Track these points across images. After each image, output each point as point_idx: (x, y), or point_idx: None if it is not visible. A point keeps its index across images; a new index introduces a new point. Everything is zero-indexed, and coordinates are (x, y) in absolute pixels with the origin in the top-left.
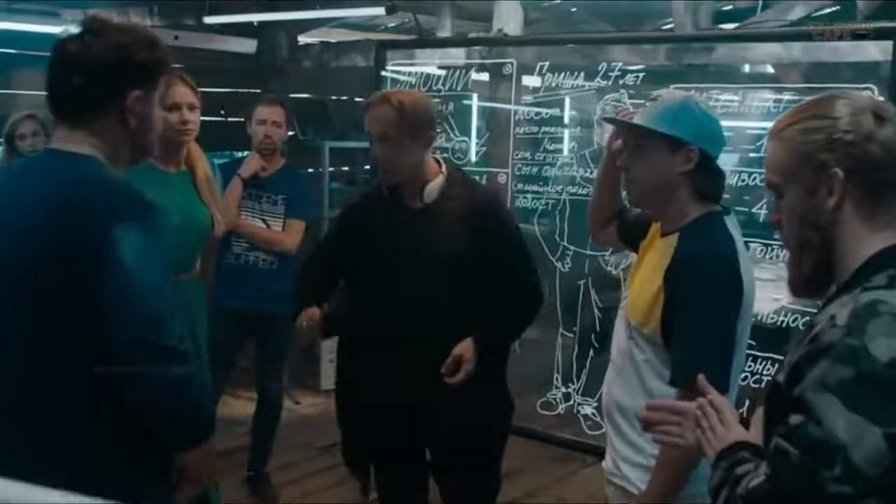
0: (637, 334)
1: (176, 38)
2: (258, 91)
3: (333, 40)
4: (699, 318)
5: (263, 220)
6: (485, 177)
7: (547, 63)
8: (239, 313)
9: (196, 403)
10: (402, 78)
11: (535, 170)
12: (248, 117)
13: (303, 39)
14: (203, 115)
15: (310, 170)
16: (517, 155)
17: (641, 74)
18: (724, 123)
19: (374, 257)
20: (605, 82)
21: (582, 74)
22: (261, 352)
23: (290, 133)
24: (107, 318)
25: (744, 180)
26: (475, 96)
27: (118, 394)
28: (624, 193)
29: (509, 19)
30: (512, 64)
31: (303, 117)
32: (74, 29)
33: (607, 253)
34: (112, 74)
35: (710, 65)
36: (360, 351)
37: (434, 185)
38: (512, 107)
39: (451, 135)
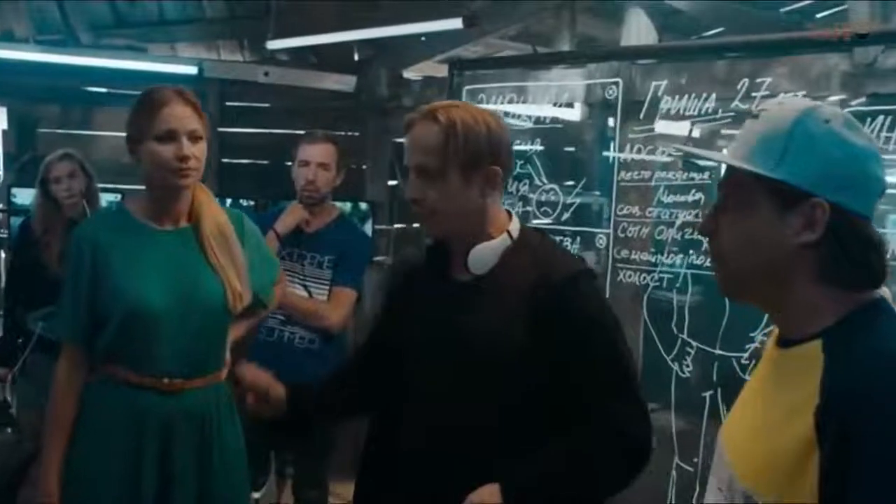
0: None
1: (266, 73)
2: (356, 134)
3: (439, 75)
4: None
5: (305, 287)
6: (578, 239)
7: (664, 83)
8: None
9: None
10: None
11: (644, 230)
12: (282, 155)
13: (407, 75)
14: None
15: (415, 225)
16: (621, 210)
17: (801, 95)
18: None
19: (401, 346)
20: (747, 107)
21: (713, 97)
22: (296, 452)
23: (396, 183)
24: None
25: None
26: (570, 131)
27: None
28: None
29: (639, 42)
30: (616, 86)
31: (403, 163)
32: None
33: (745, 354)
34: None
35: None
36: (378, 467)
37: (486, 250)
38: (615, 154)
39: (538, 181)
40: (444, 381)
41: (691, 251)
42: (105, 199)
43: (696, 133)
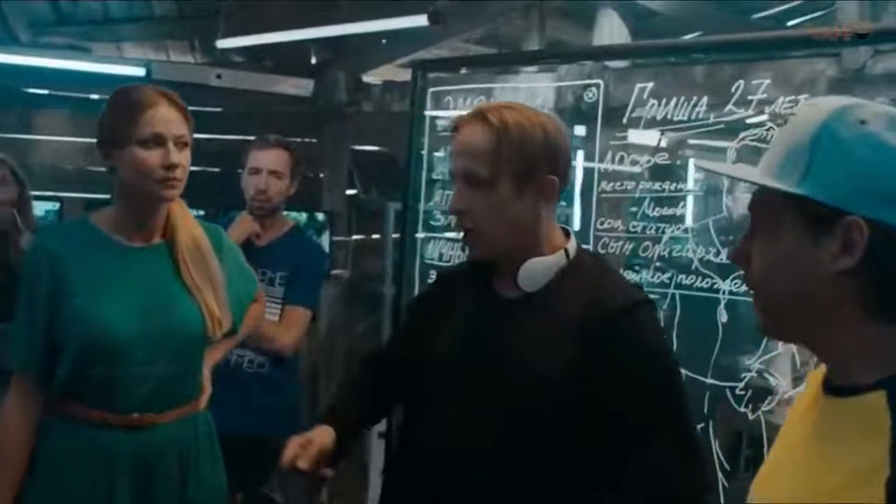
0: None
1: (219, 76)
2: (313, 140)
3: (399, 79)
4: None
5: None
6: None
7: (649, 85)
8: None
9: None
10: (443, 120)
11: (628, 247)
12: (235, 163)
13: (366, 79)
14: None
15: (375, 236)
16: (602, 223)
17: (803, 98)
18: None
19: (432, 364)
20: (743, 111)
21: (705, 101)
22: (244, 490)
23: (355, 192)
24: None
25: None
26: None
27: None
28: None
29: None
30: (597, 88)
31: (365, 172)
32: None
33: (740, 385)
34: None
35: None
36: (401, 472)
37: (540, 266)
38: (595, 164)
39: None
40: (475, 398)
41: (679, 270)
42: (41, 207)
43: (686, 140)
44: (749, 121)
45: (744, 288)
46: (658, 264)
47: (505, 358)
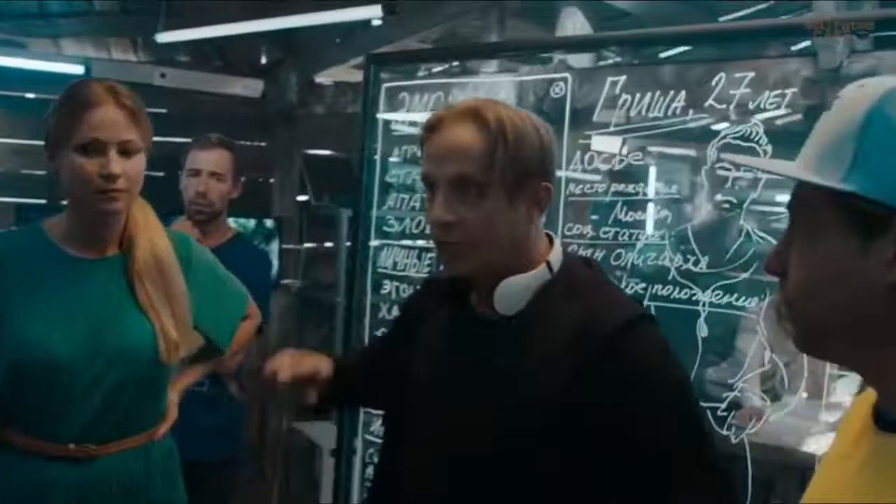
0: None
1: (163, 75)
2: (262, 143)
3: (353, 80)
4: None
5: None
6: None
7: (622, 79)
8: None
9: None
10: (398, 121)
11: (599, 254)
12: (179, 167)
13: (318, 80)
14: None
15: (327, 244)
16: (570, 229)
17: (790, 93)
18: None
19: (412, 384)
20: (724, 107)
21: (682, 96)
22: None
23: (307, 198)
24: None
25: None
26: None
27: None
28: None
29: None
30: (565, 82)
31: (317, 177)
32: None
33: (723, 405)
34: None
35: None
36: None
37: (516, 286)
38: (563, 172)
39: None
40: (451, 446)
41: (655, 280)
42: None
43: (661, 140)
44: (715, 127)
45: (725, 300)
46: (630, 274)
47: (485, 387)
